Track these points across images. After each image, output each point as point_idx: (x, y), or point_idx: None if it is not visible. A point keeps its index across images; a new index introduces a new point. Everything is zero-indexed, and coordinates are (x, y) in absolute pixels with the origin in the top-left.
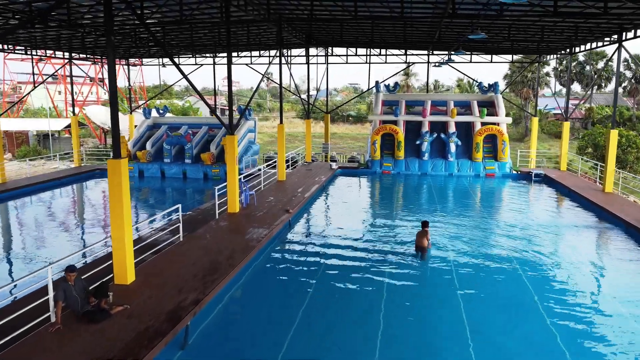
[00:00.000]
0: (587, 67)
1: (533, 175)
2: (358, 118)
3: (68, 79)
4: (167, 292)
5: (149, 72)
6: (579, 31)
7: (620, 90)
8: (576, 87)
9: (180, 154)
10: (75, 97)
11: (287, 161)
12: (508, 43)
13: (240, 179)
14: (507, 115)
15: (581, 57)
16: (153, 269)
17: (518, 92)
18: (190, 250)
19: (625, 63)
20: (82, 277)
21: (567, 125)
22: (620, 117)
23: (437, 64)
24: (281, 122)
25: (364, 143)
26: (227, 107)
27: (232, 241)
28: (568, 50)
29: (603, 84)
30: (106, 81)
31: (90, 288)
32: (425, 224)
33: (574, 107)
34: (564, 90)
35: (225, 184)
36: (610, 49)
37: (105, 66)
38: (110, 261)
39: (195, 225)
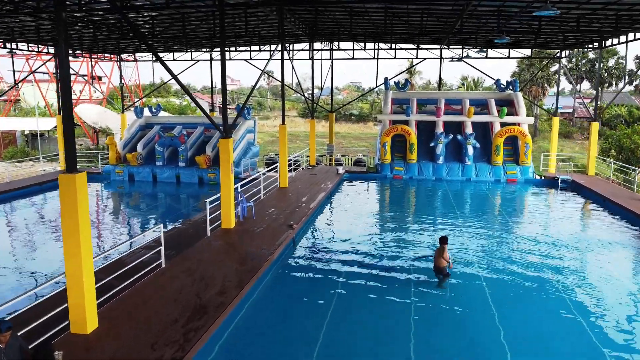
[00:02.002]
0: (597, 65)
1: (560, 181)
2: (360, 117)
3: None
4: (138, 346)
5: (148, 69)
6: (620, 20)
7: (630, 88)
8: (584, 85)
9: (173, 156)
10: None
11: (289, 165)
12: (531, 36)
13: (236, 189)
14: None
15: (591, 55)
16: (123, 310)
17: (527, 90)
18: (173, 281)
19: (637, 61)
20: (28, 327)
21: (596, 126)
22: (630, 117)
23: (455, 58)
24: (283, 122)
25: (368, 143)
26: (227, 106)
27: (225, 268)
28: (597, 44)
29: (614, 82)
30: (104, 78)
31: (30, 347)
32: (443, 240)
33: (580, 106)
34: (570, 90)
35: (219, 194)
36: (620, 47)
37: (102, 63)
38: (67, 303)
39: (183, 243)
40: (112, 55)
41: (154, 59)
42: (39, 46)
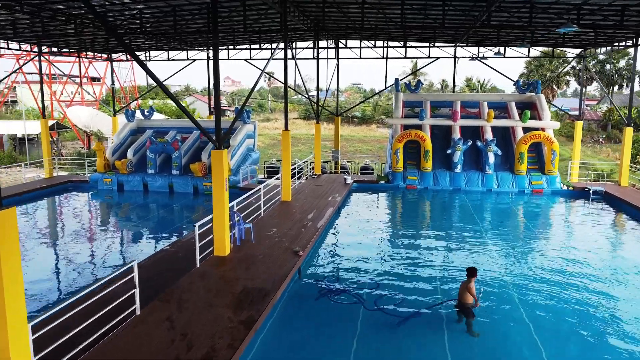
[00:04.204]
0: (608, 66)
1: (591, 192)
2: (363, 119)
3: (45, 77)
4: None
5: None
6: None
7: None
8: (591, 87)
9: (166, 163)
10: (58, 97)
11: (292, 175)
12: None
13: (231, 209)
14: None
15: (601, 56)
16: None
17: None
18: (147, 338)
19: None
20: None
21: (629, 132)
22: None
23: (476, 57)
24: (286, 127)
25: (372, 146)
26: (227, 107)
27: (215, 315)
28: (631, 41)
29: (625, 84)
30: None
31: None
32: (471, 272)
33: (587, 108)
34: (573, 91)
35: (210, 216)
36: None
37: (98, 64)
38: None
39: (167, 277)
40: (102, 55)
41: (147, 57)
42: (20, 44)
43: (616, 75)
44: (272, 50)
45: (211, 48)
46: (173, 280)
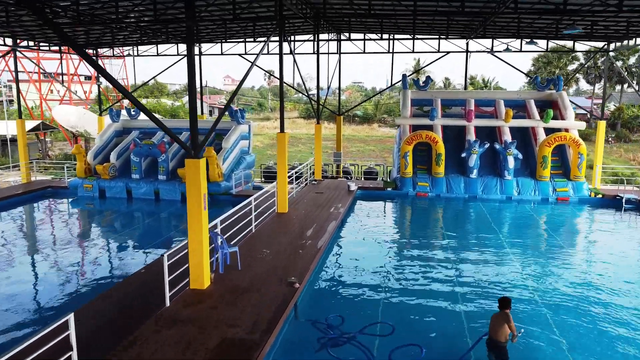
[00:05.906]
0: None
1: (624, 200)
2: (365, 118)
3: (34, 76)
4: None
5: (142, 67)
6: None
7: None
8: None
9: (152, 168)
10: (45, 96)
11: (290, 180)
12: (587, 22)
13: (212, 231)
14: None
15: (611, 53)
16: None
17: None
18: None
19: None
20: None
21: None
22: None
23: (499, 50)
24: (282, 129)
25: (374, 146)
26: (224, 107)
27: None
28: None
29: (635, 82)
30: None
31: None
32: (504, 304)
33: (595, 106)
34: (589, 91)
35: (185, 240)
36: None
37: (85, 61)
38: None
39: (129, 318)
40: (86, 50)
41: (134, 52)
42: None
43: (625, 73)
44: (267, 41)
45: (203, 41)
46: (135, 325)
